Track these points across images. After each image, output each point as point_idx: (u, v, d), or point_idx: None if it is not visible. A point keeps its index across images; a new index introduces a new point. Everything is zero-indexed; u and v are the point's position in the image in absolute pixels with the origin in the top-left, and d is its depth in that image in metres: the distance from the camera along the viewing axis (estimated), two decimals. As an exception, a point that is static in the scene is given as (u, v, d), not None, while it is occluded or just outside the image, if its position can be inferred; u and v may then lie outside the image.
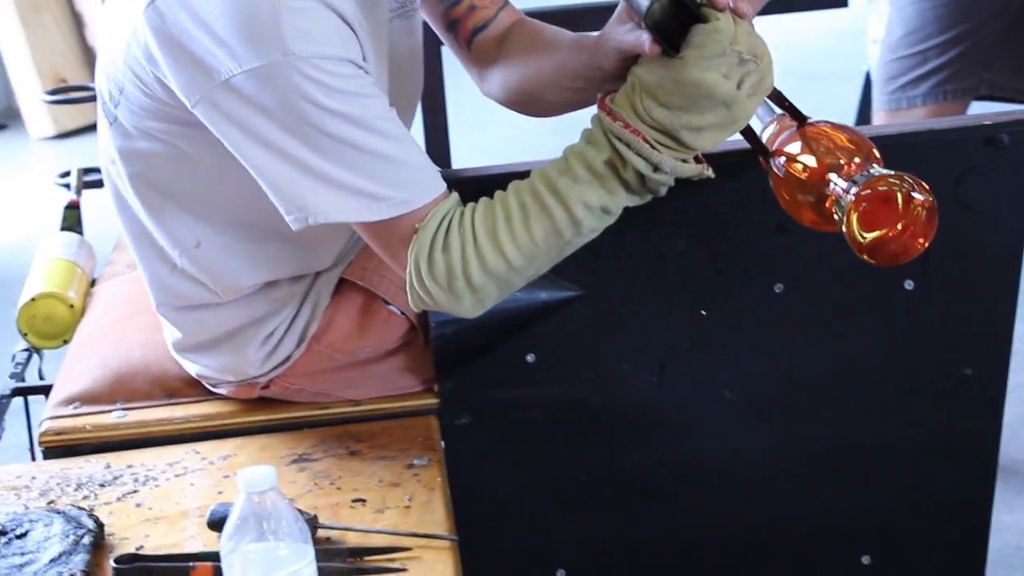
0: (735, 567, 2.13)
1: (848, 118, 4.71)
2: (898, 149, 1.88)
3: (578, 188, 1.54)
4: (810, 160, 1.59)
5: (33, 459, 2.08)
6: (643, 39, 1.53)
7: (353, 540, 1.62)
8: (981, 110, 2.34)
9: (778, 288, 1.93)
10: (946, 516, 2.12)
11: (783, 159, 1.62)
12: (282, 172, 1.56)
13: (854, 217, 1.51)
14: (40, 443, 1.93)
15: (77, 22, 6.41)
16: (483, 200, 1.60)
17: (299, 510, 1.55)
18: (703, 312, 1.93)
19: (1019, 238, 1.96)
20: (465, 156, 3.05)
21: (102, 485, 1.79)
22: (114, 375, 1.99)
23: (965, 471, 2.09)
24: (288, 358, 1.89)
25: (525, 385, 1.96)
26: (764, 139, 1.68)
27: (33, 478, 1.82)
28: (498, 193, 1.60)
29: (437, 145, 2.96)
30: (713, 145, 1.54)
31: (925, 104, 2.93)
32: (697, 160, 1.58)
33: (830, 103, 5.83)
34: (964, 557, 2.15)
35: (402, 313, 1.91)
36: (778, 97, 1.65)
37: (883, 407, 2.03)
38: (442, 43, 2.00)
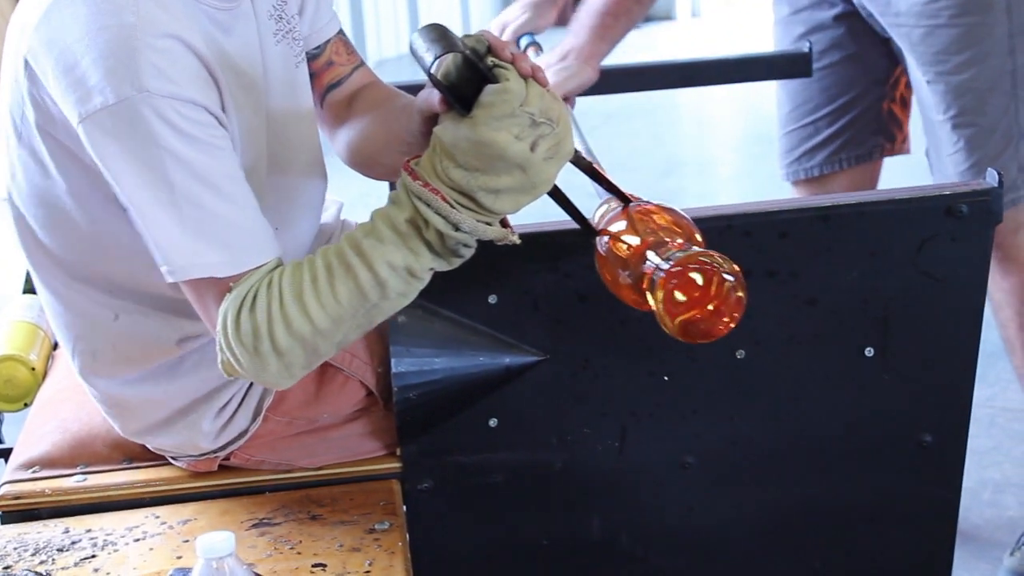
0: (696, 633, 2.13)
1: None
2: (859, 218, 1.91)
3: (382, 248, 1.52)
4: (632, 239, 1.60)
5: (-9, 523, 2.06)
6: (435, 97, 1.54)
7: (312, 606, 1.62)
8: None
9: (740, 354, 1.94)
10: (906, 582, 2.13)
11: (607, 238, 1.63)
12: (141, 216, 1.56)
13: (660, 295, 1.53)
14: (-2, 507, 1.91)
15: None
16: (293, 261, 1.58)
17: (258, 575, 1.55)
18: (665, 377, 1.94)
19: (978, 306, 1.98)
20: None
21: (60, 550, 1.77)
22: (74, 439, 1.98)
23: (925, 537, 2.10)
24: (244, 432, 1.88)
25: (488, 449, 1.96)
26: (595, 218, 1.70)
27: (-10, 542, 1.80)
28: (308, 255, 1.58)
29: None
30: (514, 209, 1.52)
31: (822, 173, 2.98)
32: (504, 224, 1.56)
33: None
34: (924, 623, 2.16)
35: (360, 379, 1.91)
36: (592, 171, 1.65)
37: (843, 473, 2.03)
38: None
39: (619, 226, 1.64)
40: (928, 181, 2.75)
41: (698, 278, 1.54)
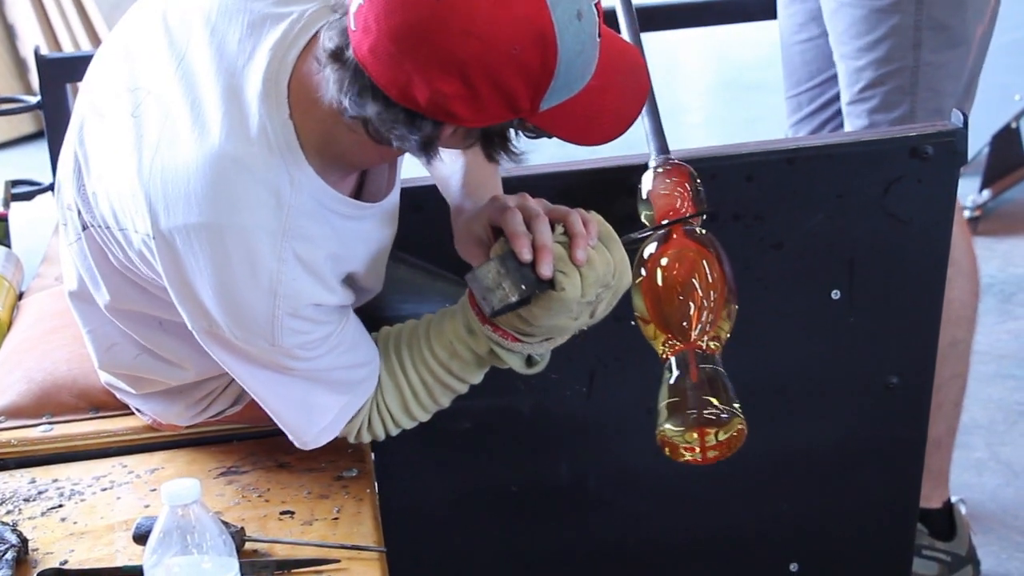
0: (663, 574, 2.14)
1: (782, 129, 4.74)
2: (825, 161, 1.91)
3: (471, 368, 1.68)
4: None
5: (-43, 474, 2.05)
6: None
7: (281, 552, 1.62)
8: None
9: (706, 298, 1.94)
10: (872, 523, 2.14)
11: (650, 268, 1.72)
12: (264, 401, 1.65)
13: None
14: (-36, 458, 1.90)
15: (9, 34, 6.34)
16: (385, 377, 1.69)
17: (225, 523, 1.55)
18: (632, 322, 1.94)
19: (943, 248, 1.98)
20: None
21: (27, 500, 1.77)
22: (40, 389, 1.97)
23: (891, 477, 2.11)
24: (220, 413, 1.86)
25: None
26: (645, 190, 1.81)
27: (-44, 493, 1.79)
28: (396, 366, 1.70)
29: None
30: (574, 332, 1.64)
31: None
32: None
33: (765, 115, 5.87)
34: (890, 563, 2.17)
35: None
36: (649, 230, 1.76)
37: (810, 415, 2.04)
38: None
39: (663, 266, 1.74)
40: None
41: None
